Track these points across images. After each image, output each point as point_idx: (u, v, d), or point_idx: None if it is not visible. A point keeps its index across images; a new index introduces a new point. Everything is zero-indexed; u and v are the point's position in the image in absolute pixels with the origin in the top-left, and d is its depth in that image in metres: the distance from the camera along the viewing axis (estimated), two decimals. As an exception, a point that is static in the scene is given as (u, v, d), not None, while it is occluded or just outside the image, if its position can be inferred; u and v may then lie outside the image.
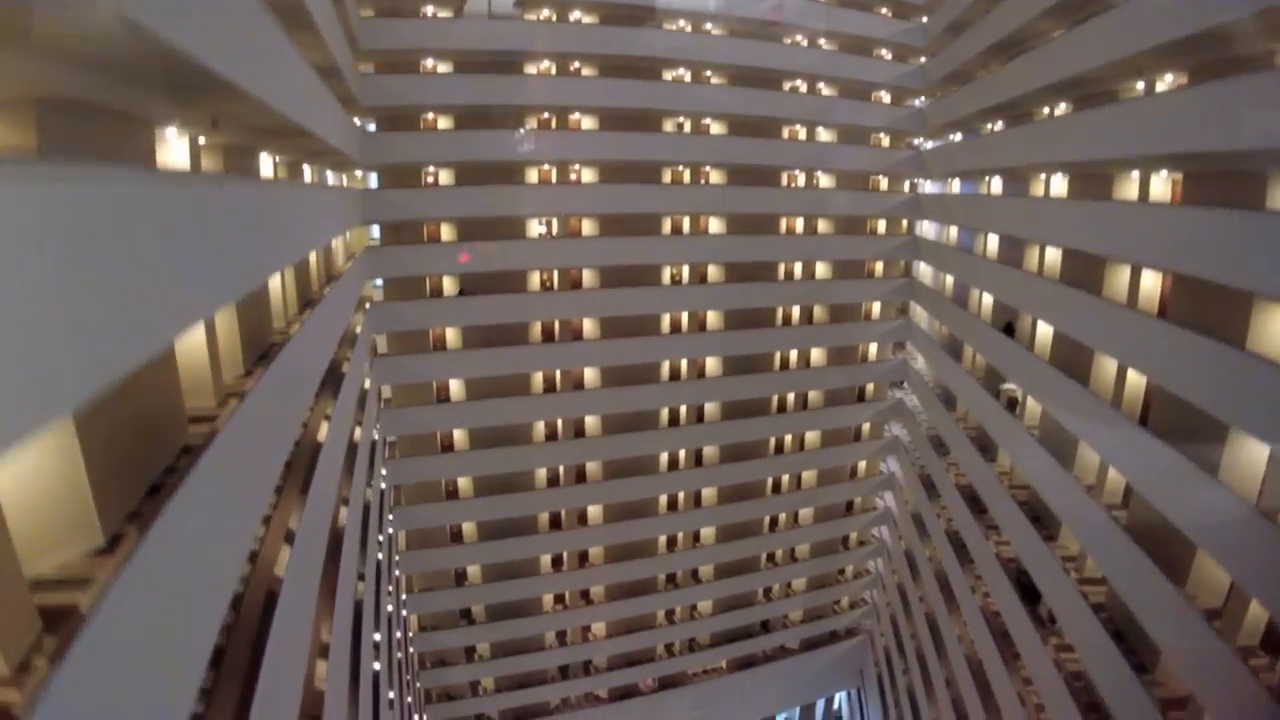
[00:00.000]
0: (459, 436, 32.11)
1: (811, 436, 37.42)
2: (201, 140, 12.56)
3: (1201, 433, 15.41)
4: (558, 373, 32.26)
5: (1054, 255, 24.47)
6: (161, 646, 5.43)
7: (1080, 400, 20.11)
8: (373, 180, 30.41)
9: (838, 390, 36.88)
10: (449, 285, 30.80)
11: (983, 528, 26.06)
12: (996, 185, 30.04)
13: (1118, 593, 17.86)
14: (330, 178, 26.97)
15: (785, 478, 37.88)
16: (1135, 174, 20.40)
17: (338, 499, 16.72)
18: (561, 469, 33.34)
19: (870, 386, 38.25)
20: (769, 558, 38.66)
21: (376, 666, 18.87)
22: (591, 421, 33.14)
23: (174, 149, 11.19)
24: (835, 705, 46.85)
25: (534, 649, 34.88)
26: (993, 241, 29.58)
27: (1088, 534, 19.67)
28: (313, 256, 22.30)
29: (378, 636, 19.83)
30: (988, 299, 29.44)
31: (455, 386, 31.48)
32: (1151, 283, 19.63)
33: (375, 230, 30.28)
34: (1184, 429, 15.98)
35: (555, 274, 31.76)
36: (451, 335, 30.99)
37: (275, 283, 17.06)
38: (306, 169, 23.91)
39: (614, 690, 37.33)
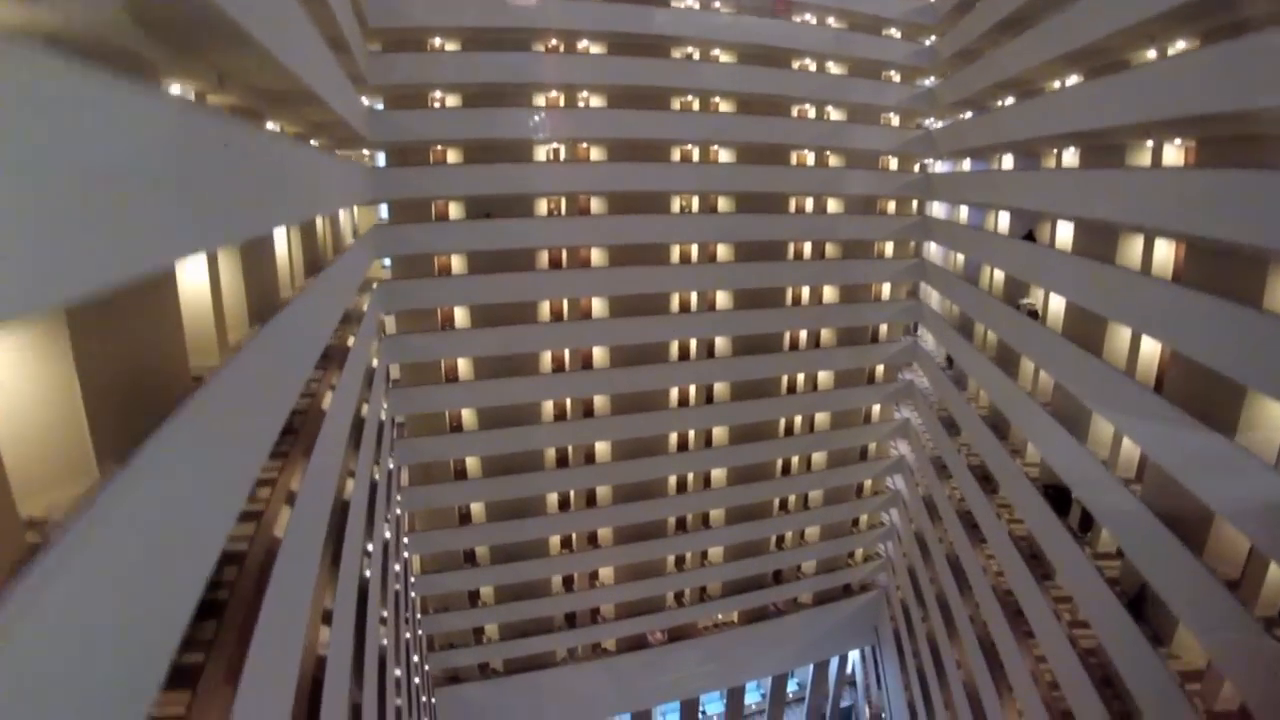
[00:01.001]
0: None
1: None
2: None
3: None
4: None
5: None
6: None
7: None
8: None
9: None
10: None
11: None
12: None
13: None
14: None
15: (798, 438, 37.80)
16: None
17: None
18: (568, 406, 33.36)
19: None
20: (781, 504, 38.51)
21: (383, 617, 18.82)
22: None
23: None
24: (849, 668, 46.36)
25: (540, 594, 34.49)
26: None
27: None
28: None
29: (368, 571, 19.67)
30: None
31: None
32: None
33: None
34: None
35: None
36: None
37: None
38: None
39: (622, 642, 36.96)
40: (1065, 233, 24.29)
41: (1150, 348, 19.70)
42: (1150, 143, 20.09)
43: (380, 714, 16.71)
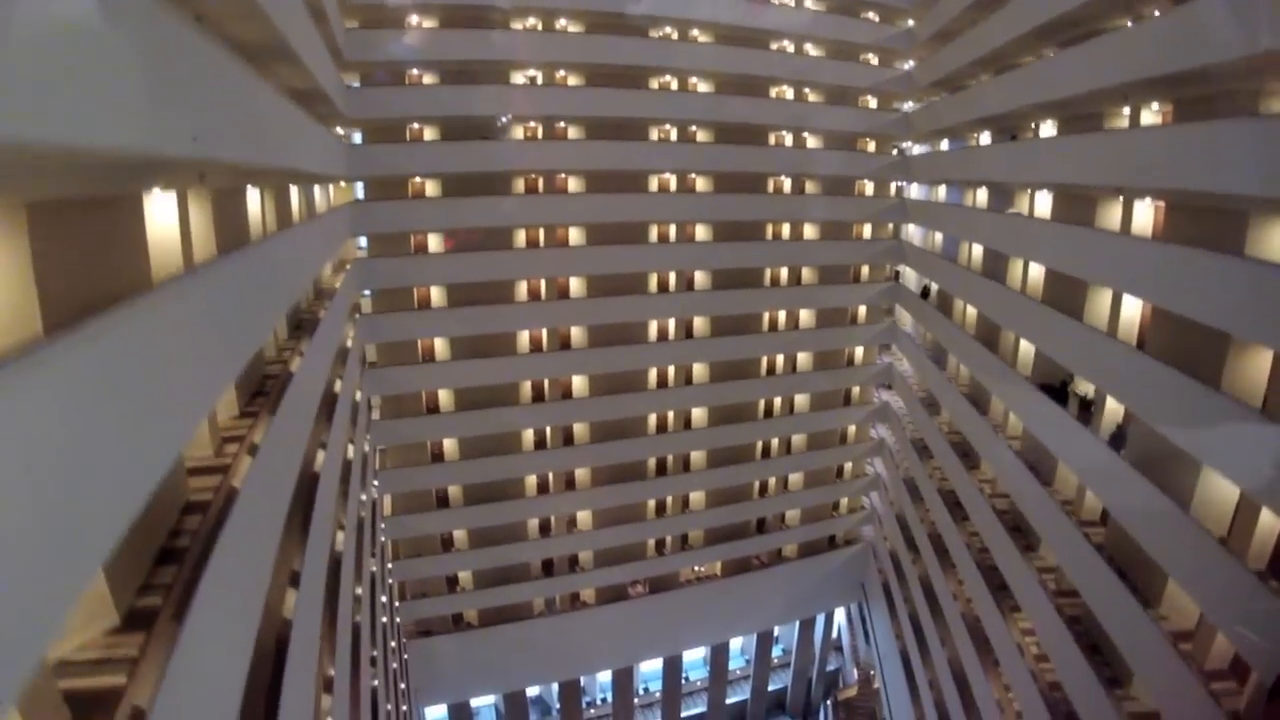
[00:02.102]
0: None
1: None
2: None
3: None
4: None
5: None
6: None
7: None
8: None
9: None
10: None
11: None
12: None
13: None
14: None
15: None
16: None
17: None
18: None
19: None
20: (764, 450, 37.81)
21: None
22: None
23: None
24: (835, 632, 45.98)
25: (516, 539, 33.60)
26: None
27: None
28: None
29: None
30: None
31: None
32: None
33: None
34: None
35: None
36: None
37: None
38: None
39: (602, 593, 36.07)
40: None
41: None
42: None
43: (354, 672, 16.15)
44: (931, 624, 28.99)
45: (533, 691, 39.78)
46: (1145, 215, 19.24)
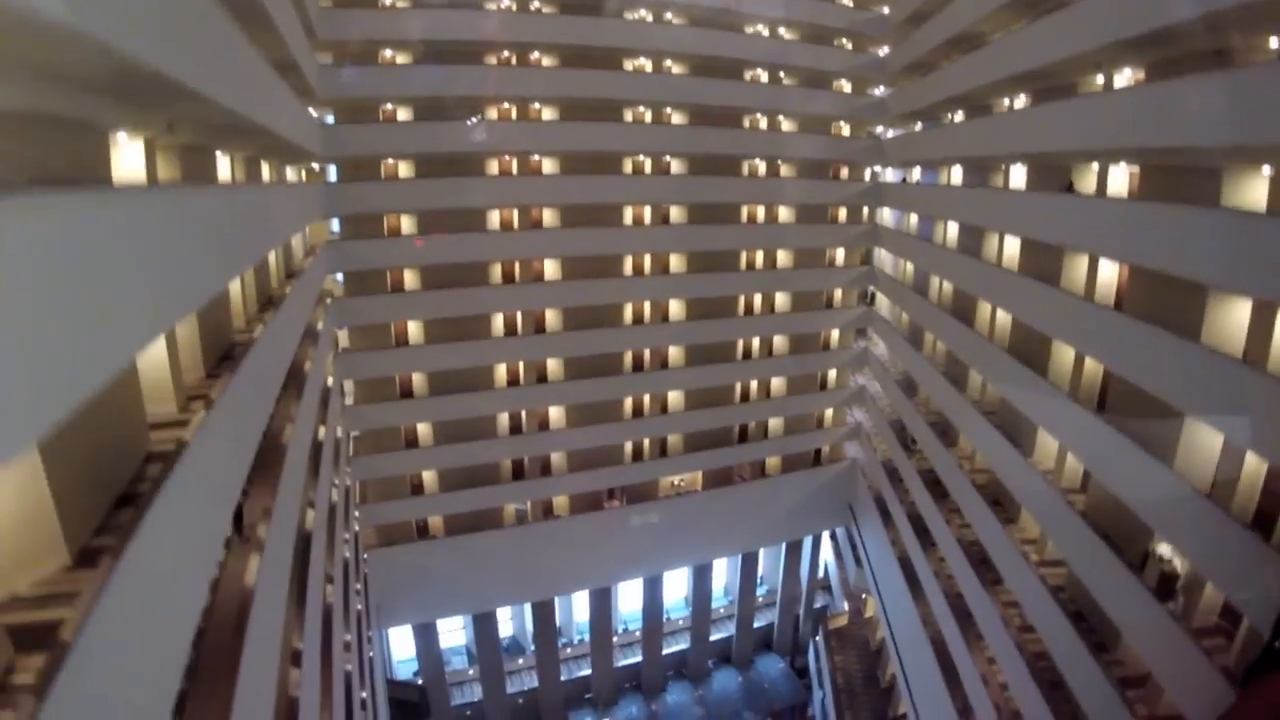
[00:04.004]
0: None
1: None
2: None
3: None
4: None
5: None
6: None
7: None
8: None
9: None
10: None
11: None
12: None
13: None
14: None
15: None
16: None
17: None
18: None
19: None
20: (745, 352, 36.97)
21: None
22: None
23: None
24: (822, 570, 45.57)
25: (484, 436, 32.10)
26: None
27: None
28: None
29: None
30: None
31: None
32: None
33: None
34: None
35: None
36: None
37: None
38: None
39: (576, 502, 34.76)
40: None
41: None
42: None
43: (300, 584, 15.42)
44: (935, 511, 28.03)
45: (506, 632, 39.01)
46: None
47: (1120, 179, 19.56)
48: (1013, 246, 24.61)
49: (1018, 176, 24.93)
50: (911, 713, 28.74)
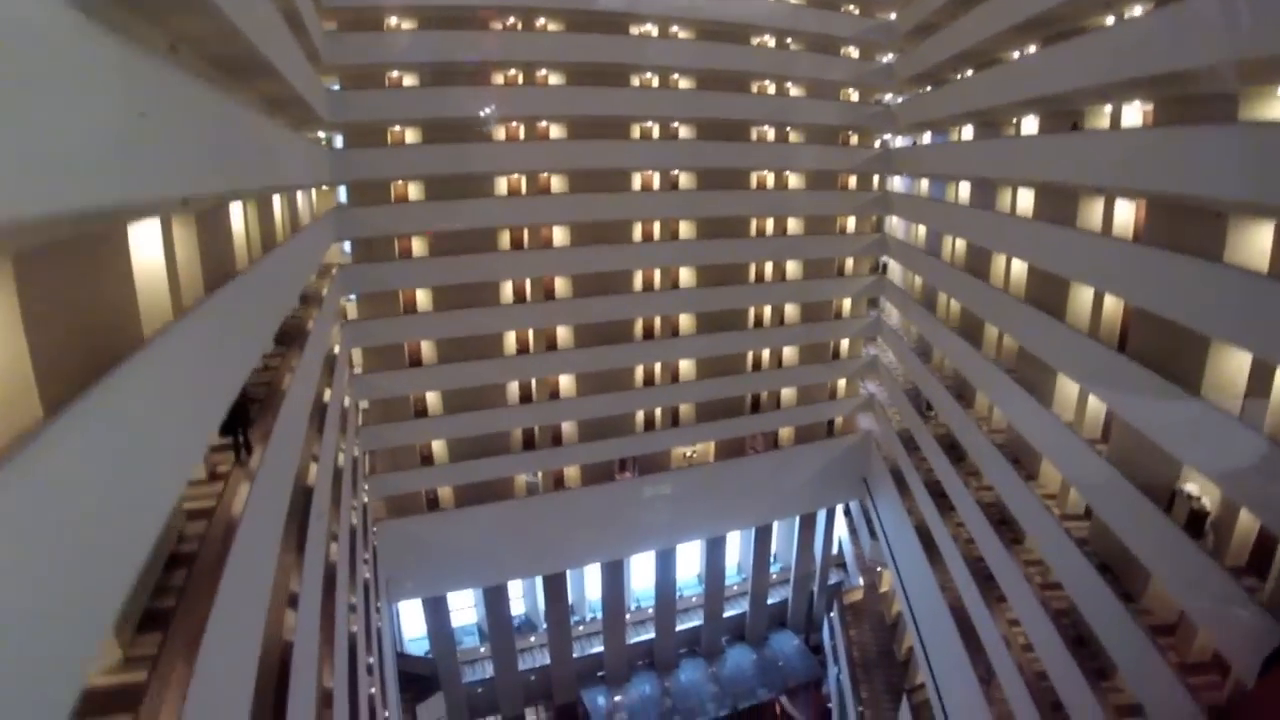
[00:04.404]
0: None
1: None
2: None
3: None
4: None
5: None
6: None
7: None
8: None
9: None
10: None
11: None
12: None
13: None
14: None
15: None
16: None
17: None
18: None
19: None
20: (756, 320, 36.51)
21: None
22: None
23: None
24: (836, 547, 44.90)
25: (494, 404, 31.60)
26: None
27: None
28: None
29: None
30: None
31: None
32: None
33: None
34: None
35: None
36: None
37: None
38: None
39: (587, 473, 34.15)
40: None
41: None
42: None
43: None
44: (954, 474, 27.48)
45: (518, 611, 38.64)
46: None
47: (1133, 117, 19.19)
48: (1026, 199, 24.12)
49: (1029, 128, 24.53)
50: (930, 683, 28.16)
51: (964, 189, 29.36)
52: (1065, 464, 20.61)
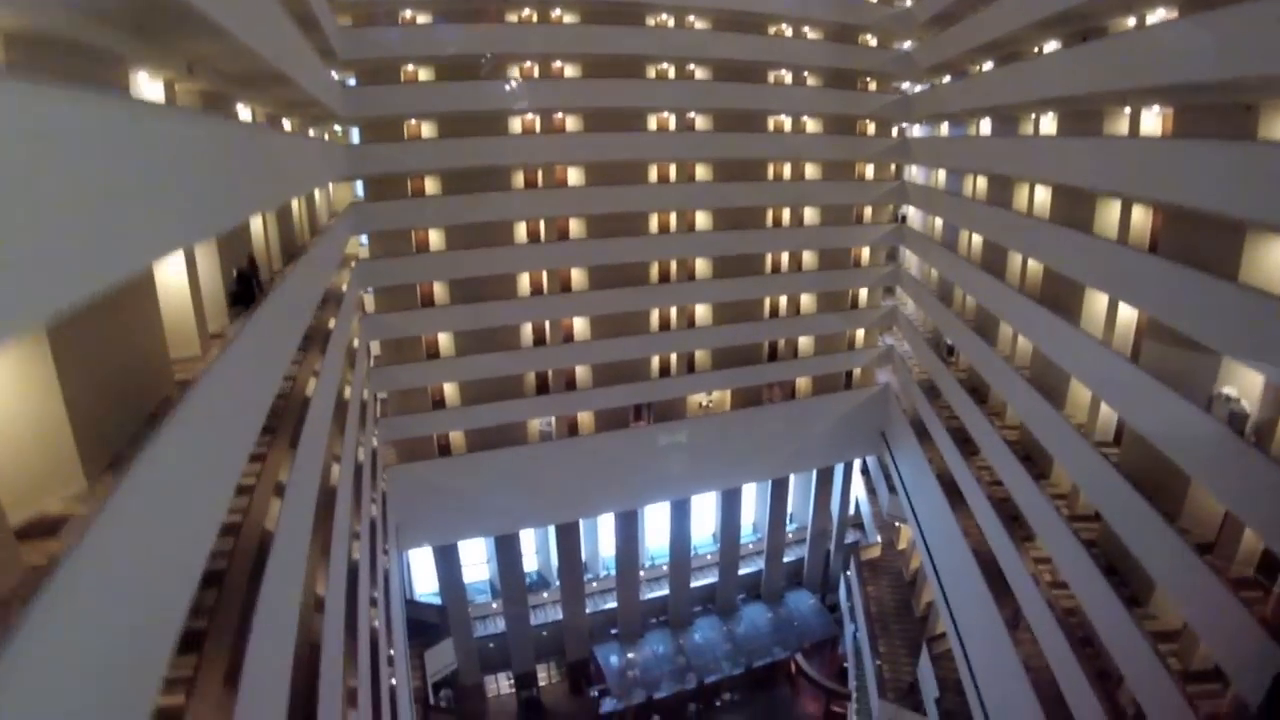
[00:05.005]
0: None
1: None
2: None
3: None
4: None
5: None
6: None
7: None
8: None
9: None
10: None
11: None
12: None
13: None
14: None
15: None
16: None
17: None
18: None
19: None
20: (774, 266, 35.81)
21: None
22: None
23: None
24: (852, 507, 44.21)
25: (508, 347, 31.11)
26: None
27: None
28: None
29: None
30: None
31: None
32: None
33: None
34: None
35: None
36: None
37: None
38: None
39: (601, 419, 33.43)
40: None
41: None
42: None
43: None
44: (978, 414, 26.95)
45: (530, 567, 38.27)
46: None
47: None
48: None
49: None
50: (952, 632, 27.48)
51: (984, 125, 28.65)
52: (1096, 383, 19.93)
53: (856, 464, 43.26)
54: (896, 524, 39.24)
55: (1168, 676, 15.22)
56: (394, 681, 20.56)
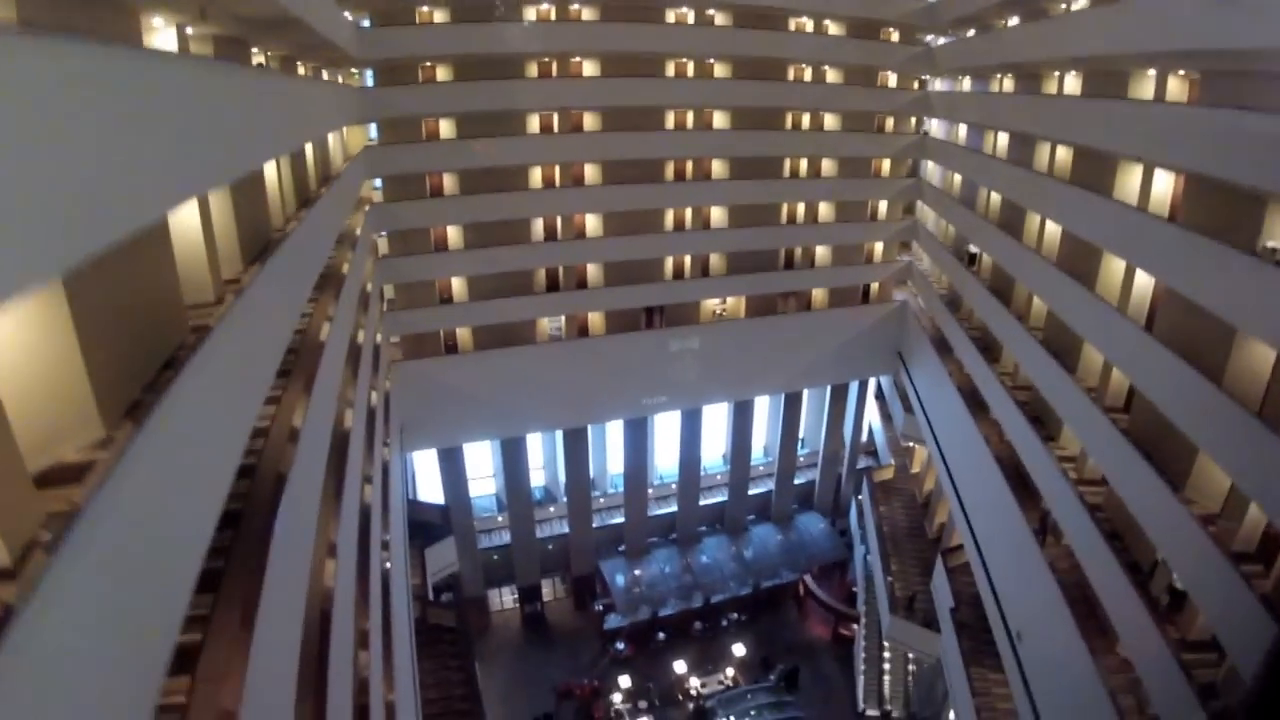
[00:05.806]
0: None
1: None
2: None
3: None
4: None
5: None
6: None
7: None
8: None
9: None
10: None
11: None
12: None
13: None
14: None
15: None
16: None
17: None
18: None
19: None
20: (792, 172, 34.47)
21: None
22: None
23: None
24: (865, 433, 43.52)
25: (518, 241, 30.13)
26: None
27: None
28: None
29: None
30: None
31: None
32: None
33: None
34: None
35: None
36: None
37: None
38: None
39: (612, 319, 32.39)
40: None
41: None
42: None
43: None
44: (1004, 314, 26.25)
45: (537, 482, 37.76)
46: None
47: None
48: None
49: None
50: (970, 546, 26.72)
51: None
52: (1130, 250, 19.06)
53: (871, 387, 42.23)
54: (911, 445, 38.29)
55: (1218, 554, 14.31)
56: (388, 565, 19.76)
